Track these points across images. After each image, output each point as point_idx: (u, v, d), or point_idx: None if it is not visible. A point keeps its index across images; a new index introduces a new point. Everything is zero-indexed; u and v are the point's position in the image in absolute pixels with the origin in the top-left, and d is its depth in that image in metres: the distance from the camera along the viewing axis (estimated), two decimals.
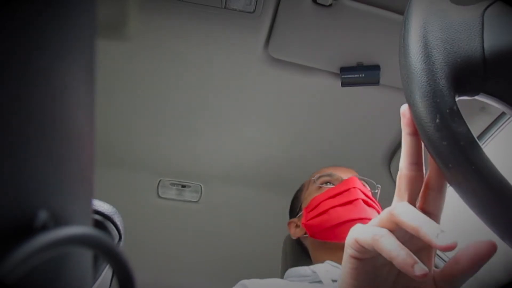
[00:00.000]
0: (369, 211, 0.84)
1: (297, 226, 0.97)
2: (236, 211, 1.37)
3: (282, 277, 0.95)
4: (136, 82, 1.07)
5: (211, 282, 1.42)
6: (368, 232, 0.35)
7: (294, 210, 1.02)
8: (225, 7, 0.87)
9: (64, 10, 0.17)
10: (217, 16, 0.89)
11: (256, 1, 0.86)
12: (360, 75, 0.97)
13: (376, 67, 0.97)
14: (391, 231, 0.34)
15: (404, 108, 0.35)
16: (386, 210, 0.35)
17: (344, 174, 0.94)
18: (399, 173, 0.37)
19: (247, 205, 1.36)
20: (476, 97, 0.34)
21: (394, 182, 1.23)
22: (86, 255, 0.23)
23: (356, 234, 0.36)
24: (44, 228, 0.17)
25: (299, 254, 1.00)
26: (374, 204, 0.87)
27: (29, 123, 0.16)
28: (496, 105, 0.34)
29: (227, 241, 1.39)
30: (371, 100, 1.08)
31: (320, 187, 0.94)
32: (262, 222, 1.36)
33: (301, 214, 0.95)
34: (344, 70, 0.98)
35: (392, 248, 0.32)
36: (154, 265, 1.38)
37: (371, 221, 0.37)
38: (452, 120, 0.31)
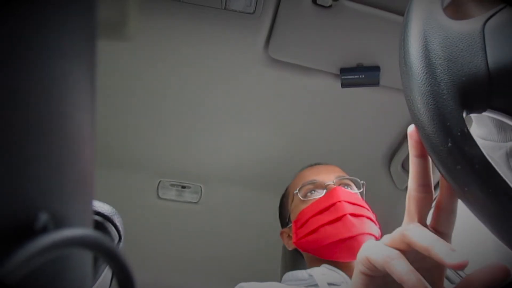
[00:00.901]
0: (359, 225, 0.82)
1: (289, 236, 0.95)
2: (236, 212, 1.37)
3: (281, 277, 0.95)
4: (136, 82, 1.07)
5: (211, 283, 1.42)
6: (380, 252, 0.35)
7: (283, 220, 0.99)
8: (225, 8, 0.87)
9: (65, 10, 0.17)
10: (217, 16, 0.89)
11: (256, 2, 0.86)
12: (360, 76, 0.97)
13: (376, 68, 0.97)
14: (403, 251, 0.35)
15: (412, 129, 0.35)
16: (398, 230, 0.36)
17: (326, 177, 0.91)
18: (408, 194, 0.38)
19: (247, 206, 1.36)
20: (483, 114, 0.34)
21: (394, 182, 1.24)
22: (86, 256, 0.23)
23: (368, 253, 0.36)
24: (45, 230, 0.17)
25: (298, 255, 1.00)
26: (362, 213, 0.84)
27: (29, 125, 0.16)
28: (504, 120, 0.33)
29: (227, 242, 1.39)
30: (371, 101, 1.08)
31: (304, 200, 0.90)
32: (262, 223, 1.36)
33: (291, 226, 0.93)
34: (344, 71, 0.98)
35: (403, 272, 0.33)
36: (154, 265, 1.38)
37: (383, 237, 0.38)
38: (464, 143, 0.30)
